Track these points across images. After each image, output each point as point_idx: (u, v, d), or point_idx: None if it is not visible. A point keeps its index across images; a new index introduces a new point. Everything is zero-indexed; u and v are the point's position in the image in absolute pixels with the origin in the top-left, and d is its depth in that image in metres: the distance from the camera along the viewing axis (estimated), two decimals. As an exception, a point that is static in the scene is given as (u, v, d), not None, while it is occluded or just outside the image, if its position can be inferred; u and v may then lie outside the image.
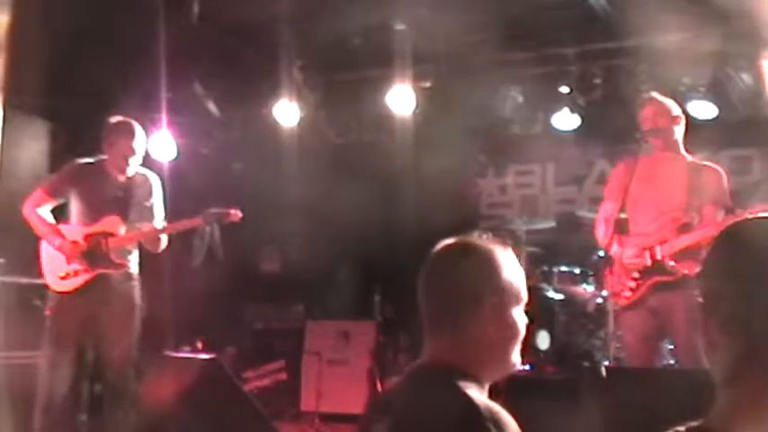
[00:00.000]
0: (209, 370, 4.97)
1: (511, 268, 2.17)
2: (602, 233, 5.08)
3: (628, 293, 4.84)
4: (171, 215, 5.61)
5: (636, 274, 4.83)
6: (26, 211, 5.40)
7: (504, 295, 2.14)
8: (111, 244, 5.33)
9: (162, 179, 5.73)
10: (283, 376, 7.41)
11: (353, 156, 8.40)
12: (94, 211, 5.40)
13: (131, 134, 5.39)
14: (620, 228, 4.89)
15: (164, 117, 7.50)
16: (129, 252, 5.45)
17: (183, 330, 7.81)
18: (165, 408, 4.84)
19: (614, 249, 4.89)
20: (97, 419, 5.71)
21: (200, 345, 7.70)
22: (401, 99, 7.60)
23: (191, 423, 4.67)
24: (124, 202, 5.42)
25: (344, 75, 7.98)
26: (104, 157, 5.47)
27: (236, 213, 5.51)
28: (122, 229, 5.37)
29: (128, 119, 5.48)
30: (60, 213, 5.53)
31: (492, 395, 2.12)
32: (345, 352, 7.37)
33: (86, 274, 5.32)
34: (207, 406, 4.75)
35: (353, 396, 6.67)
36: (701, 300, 1.54)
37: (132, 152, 5.40)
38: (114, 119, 5.47)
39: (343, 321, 7.61)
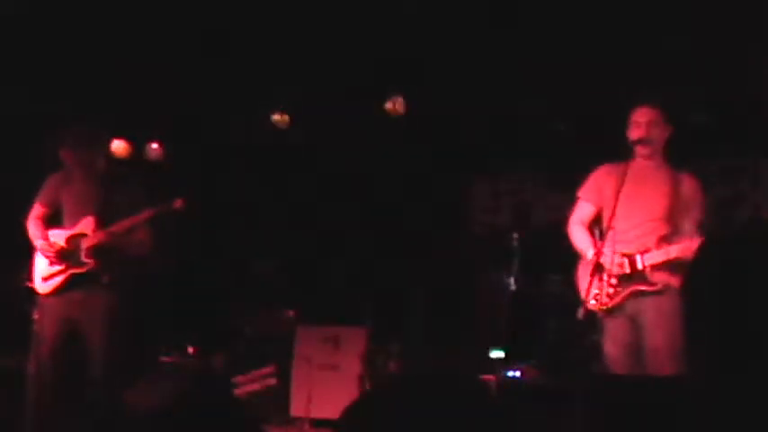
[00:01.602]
0: (199, 374, 4.96)
1: (489, 279, 2.25)
2: (582, 237, 5.08)
3: (605, 300, 4.84)
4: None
5: (614, 281, 4.83)
6: (27, 222, 5.61)
7: (484, 302, 2.22)
8: (83, 244, 5.40)
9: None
10: (273, 381, 7.40)
11: (347, 160, 8.41)
12: (74, 214, 5.55)
13: (68, 144, 5.50)
14: (600, 233, 4.90)
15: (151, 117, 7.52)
16: (106, 253, 5.46)
17: (173, 335, 7.79)
18: (153, 414, 4.82)
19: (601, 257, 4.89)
20: (85, 424, 5.70)
21: (190, 350, 7.69)
22: (394, 103, 7.60)
23: (180, 429, 4.66)
24: (99, 203, 5.51)
25: (335, 78, 7.98)
26: None
27: (179, 202, 5.53)
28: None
29: (72, 127, 5.54)
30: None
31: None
32: (336, 357, 7.34)
33: (62, 275, 5.43)
34: (197, 411, 4.74)
35: (344, 402, 6.63)
36: (685, 311, 1.55)
37: (72, 159, 5.51)
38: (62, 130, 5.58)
39: (333, 327, 7.59)
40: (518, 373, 6.47)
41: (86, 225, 5.47)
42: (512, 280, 7.23)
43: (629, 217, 4.86)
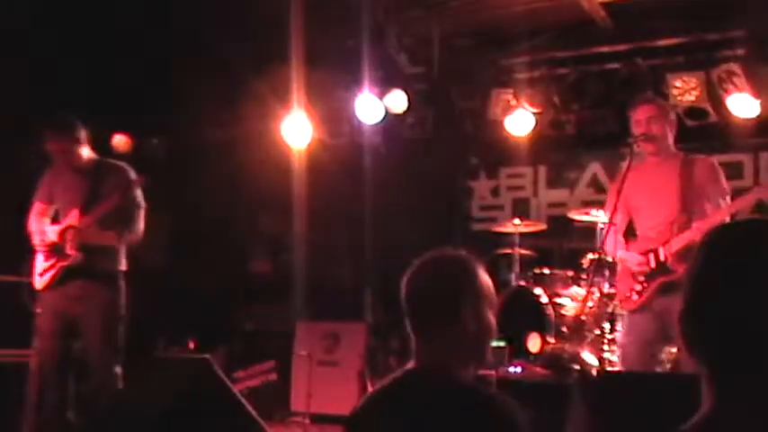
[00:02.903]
0: (199, 370, 4.96)
1: (483, 275, 2.42)
2: (611, 243, 5.09)
3: (635, 297, 4.85)
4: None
5: (641, 278, 4.84)
6: (29, 221, 5.59)
7: (481, 298, 2.38)
8: (68, 236, 5.42)
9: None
10: (274, 377, 7.40)
11: (345, 157, 8.40)
12: (65, 208, 5.55)
13: (47, 136, 5.49)
14: (628, 234, 4.94)
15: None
16: (88, 245, 5.46)
17: (174, 331, 7.79)
18: (154, 408, 4.83)
19: (621, 254, 4.91)
20: (85, 418, 5.71)
21: (191, 345, 7.69)
22: (394, 101, 7.60)
23: (181, 423, 4.66)
24: (83, 195, 5.51)
25: (337, 76, 7.97)
26: None
27: (139, 180, 5.58)
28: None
29: (50, 122, 5.57)
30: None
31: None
32: (336, 353, 7.35)
33: (53, 269, 5.44)
34: (197, 406, 4.74)
35: (343, 397, 6.66)
36: (683, 303, 1.55)
37: (51, 151, 5.49)
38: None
39: (333, 323, 7.59)
40: (519, 369, 6.47)
41: (73, 217, 5.47)
42: (512, 276, 7.24)
43: (649, 216, 4.90)
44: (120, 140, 8.09)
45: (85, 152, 5.60)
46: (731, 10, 6.30)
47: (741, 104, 6.77)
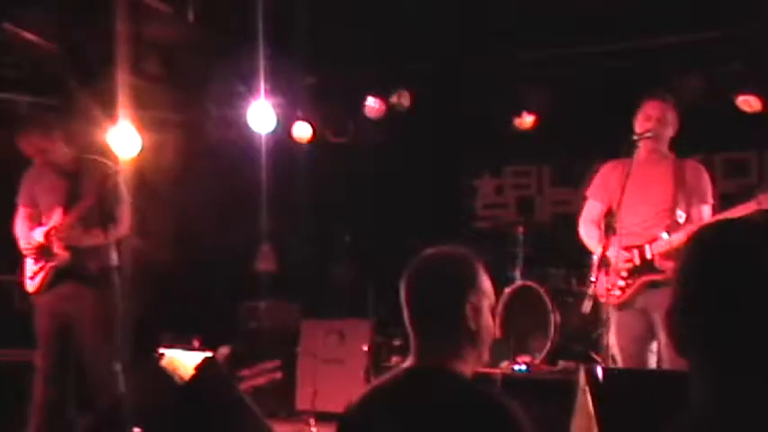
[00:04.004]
0: (204, 368, 4.96)
1: (484, 274, 2.41)
2: (592, 235, 5.09)
3: (617, 292, 4.84)
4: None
5: (624, 274, 4.83)
6: (15, 226, 5.57)
7: (482, 296, 2.36)
8: (53, 237, 5.40)
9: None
10: (278, 375, 7.41)
11: (349, 155, 8.40)
12: (49, 209, 5.52)
13: (21, 132, 5.45)
14: (608, 229, 4.90)
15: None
16: (79, 244, 5.44)
17: (178, 329, 7.80)
18: (157, 407, 4.84)
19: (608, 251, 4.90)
20: (87, 417, 5.72)
21: (196, 343, 7.70)
22: (397, 98, 7.59)
23: (185, 422, 4.67)
24: (65, 194, 5.49)
25: (340, 75, 7.96)
26: None
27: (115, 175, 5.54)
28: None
29: (27, 122, 5.54)
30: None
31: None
32: (340, 351, 7.36)
33: (43, 271, 5.43)
34: (201, 405, 4.74)
35: (349, 395, 6.65)
36: (673, 303, 1.55)
37: (29, 148, 5.44)
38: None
39: (338, 321, 7.60)
40: (524, 367, 6.48)
41: (57, 217, 5.45)
42: (517, 274, 7.24)
43: (637, 212, 4.86)
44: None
45: (64, 150, 5.53)
46: (734, 7, 6.28)
47: (746, 102, 6.75)
